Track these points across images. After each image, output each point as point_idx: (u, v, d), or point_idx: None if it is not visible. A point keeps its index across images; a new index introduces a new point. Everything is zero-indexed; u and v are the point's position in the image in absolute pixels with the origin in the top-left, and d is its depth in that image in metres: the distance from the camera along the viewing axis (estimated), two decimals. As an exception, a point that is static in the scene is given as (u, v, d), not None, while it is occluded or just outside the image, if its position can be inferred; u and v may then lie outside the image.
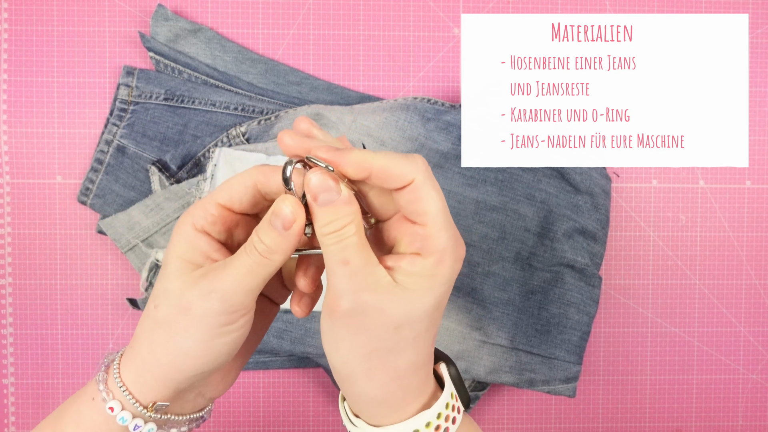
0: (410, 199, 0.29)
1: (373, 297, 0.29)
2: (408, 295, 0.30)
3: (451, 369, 0.35)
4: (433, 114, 0.56)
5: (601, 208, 0.57)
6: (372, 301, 0.29)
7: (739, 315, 0.61)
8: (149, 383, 0.32)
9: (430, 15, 0.59)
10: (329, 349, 0.31)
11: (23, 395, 0.58)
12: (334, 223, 0.29)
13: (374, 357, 0.30)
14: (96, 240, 0.58)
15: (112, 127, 0.57)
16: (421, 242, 0.30)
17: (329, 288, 0.30)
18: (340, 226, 0.29)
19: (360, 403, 0.33)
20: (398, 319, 0.30)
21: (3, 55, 0.57)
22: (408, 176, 0.29)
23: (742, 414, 0.61)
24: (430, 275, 0.30)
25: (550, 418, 0.61)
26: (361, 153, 0.29)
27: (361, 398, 0.32)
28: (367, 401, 0.32)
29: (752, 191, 0.61)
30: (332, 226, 0.29)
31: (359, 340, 0.30)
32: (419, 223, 0.30)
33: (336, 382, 0.34)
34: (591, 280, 0.56)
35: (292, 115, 0.56)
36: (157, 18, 0.57)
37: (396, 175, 0.29)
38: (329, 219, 0.29)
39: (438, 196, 0.30)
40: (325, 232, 0.29)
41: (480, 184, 0.56)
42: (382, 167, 0.29)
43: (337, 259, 0.29)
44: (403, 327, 0.30)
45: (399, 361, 0.31)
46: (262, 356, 0.59)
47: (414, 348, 0.31)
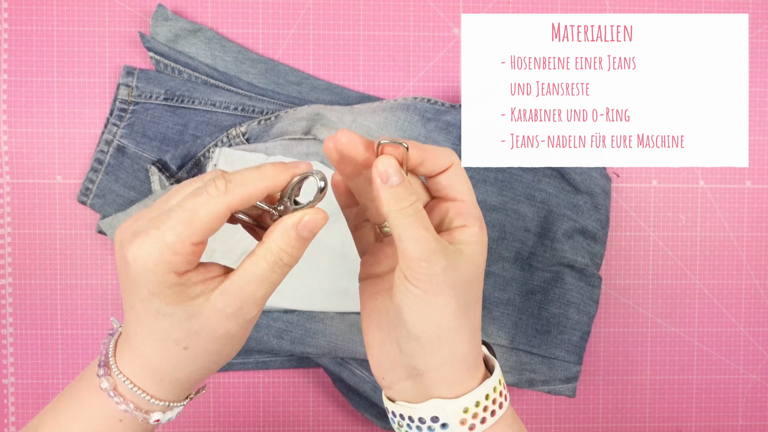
0: (452, 176, 0.34)
1: (450, 259, 0.32)
2: (470, 256, 0.33)
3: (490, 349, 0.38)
4: (433, 114, 0.56)
5: (601, 208, 0.57)
6: (451, 262, 0.32)
7: (739, 315, 0.61)
8: (169, 393, 0.34)
9: (430, 15, 0.59)
10: (414, 318, 0.33)
11: (23, 395, 0.58)
12: (408, 198, 0.32)
13: (461, 312, 0.33)
14: (96, 240, 0.58)
15: (112, 127, 0.57)
16: (465, 216, 0.34)
17: (411, 257, 0.32)
18: (414, 200, 0.32)
19: (443, 371, 0.34)
20: (471, 276, 0.33)
21: (3, 55, 0.57)
22: (450, 159, 0.34)
23: (742, 414, 0.61)
24: (479, 240, 0.34)
25: (550, 418, 0.61)
26: (410, 142, 0.33)
27: (448, 362, 0.34)
28: (454, 364, 0.34)
29: (752, 191, 0.61)
30: (407, 200, 0.32)
31: (451, 297, 0.33)
32: (459, 200, 0.34)
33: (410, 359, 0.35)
34: (591, 280, 0.56)
35: (292, 115, 0.56)
36: (157, 18, 0.57)
37: (442, 160, 0.33)
38: (403, 195, 0.32)
39: (466, 175, 0.35)
40: (404, 206, 0.32)
41: (480, 184, 0.56)
42: (432, 152, 0.33)
43: (420, 225, 0.32)
44: (474, 283, 0.34)
45: (476, 316, 0.34)
46: (262, 356, 0.59)
47: (479, 304, 0.35)
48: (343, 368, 0.57)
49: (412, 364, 0.34)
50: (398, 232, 0.32)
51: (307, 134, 0.56)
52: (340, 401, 0.60)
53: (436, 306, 0.32)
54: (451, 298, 0.32)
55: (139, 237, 0.30)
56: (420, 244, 0.32)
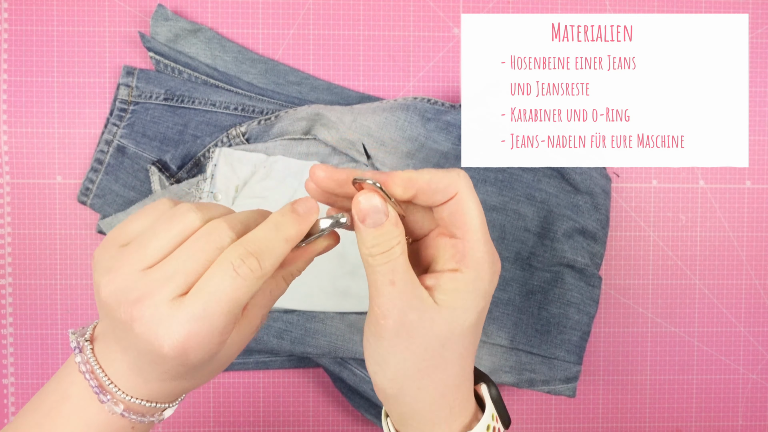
0: (453, 210, 0.30)
1: (419, 316, 0.30)
2: (451, 312, 0.30)
3: (492, 390, 0.35)
4: (433, 114, 0.56)
5: (601, 208, 0.57)
6: (418, 320, 0.30)
7: (739, 315, 0.61)
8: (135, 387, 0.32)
9: (430, 15, 0.59)
10: (375, 368, 0.32)
11: (23, 395, 0.58)
12: (383, 245, 0.29)
13: (423, 374, 0.31)
14: (96, 240, 0.58)
15: (112, 127, 0.56)
16: (461, 256, 0.30)
17: (374, 307, 0.30)
18: (389, 247, 0.29)
19: (406, 422, 0.33)
20: (443, 336, 0.30)
21: (3, 55, 0.57)
22: (452, 189, 0.30)
23: (742, 414, 0.61)
24: (471, 290, 0.30)
25: (550, 418, 0.61)
26: (406, 172, 0.29)
27: (408, 417, 0.32)
28: (415, 419, 0.32)
29: (752, 191, 0.61)
30: (381, 247, 0.29)
31: (407, 359, 0.30)
32: (458, 237, 0.30)
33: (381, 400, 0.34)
34: (591, 280, 0.56)
35: (292, 115, 0.56)
36: (157, 18, 0.57)
37: (441, 190, 0.30)
38: (378, 240, 0.29)
39: (478, 209, 0.30)
40: (374, 253, 0.29)
41: (480, 184, 0.56)
42: (427, 183, 0.29)
43: (385, 279, 0.29)
44: (448, 344, 0.30)
45: (446, 377, 0.31)
46: (262, 356, 0.59)
47: (459, 363, 0.31)
48: (343, 368, 0.57)
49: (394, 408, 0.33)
50: (368, 278, 0.30)
51: (307, 134, 0.57)
52: (340, 401, 0.60)
53: (391, 364, 0.31)
54: (408, 361, 0.30)
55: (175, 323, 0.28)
56: (381, 298, 0.30)
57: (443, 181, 0.30)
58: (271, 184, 0.55)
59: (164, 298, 0.28)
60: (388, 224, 0.29)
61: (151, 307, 0.28)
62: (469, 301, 0.30)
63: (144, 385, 0.31)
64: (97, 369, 0.31)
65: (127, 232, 0.31)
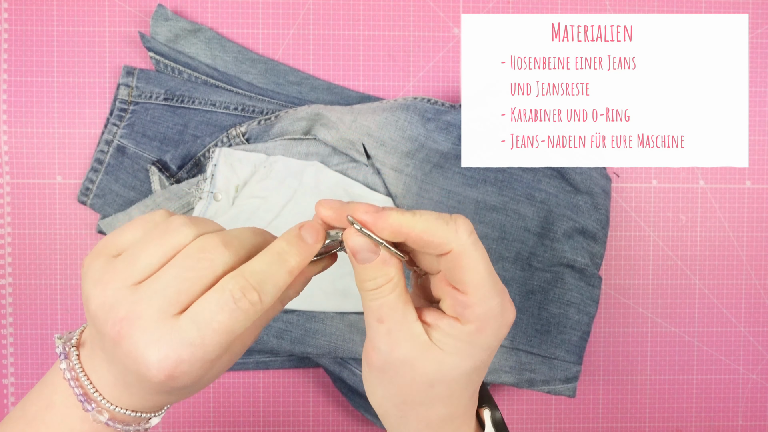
0: (450, 266, 0.29)
1: (408, 354, 0.29)
2: (443, 355, 0.29)
3: (495, 414, 0.34)
4: (433, 114, 0.56)
5: (601, 208, 0.57)
6: (405, 358, 0.29)
7: (739, 315, 0.61)
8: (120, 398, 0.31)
9: (430, 15, 0.59)
10: (367, 391, 0.32)
11: (23, 395, 0.58)
12: (372, 282, 0.29)
13: (407, 408, 0.31)
14: (96, 240, 0.58)
15: (112, 127, 0.57)
16: (462, 309, 0.29)
17: (368, 337, 0.30)
18: (377, 285, 0.29)
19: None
20: (431, 377, 0.29)
21: (3, 55, 0.57)
22: (446, 245, 0.28)
23: (742, 414, 0.61)
24: (468, 342, 0.29)
25: (550, 418, 0.61)
26: (399, 216, 0.28)
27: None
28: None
29: (752, 191, 0.61)
30: (371, 284, 0.29)
31: (391, 392, 0.30)
32: (460, 290, 0.29)
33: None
34: (591, 280, 0.56)
35: (292, 115, 0.56)
36: (157, 18, 0.57)
37: (435, 243, 0.28)
38: (368, 277, 0.29)
39: (482, 263, 0.29)
40: (365, 288, 0.29)
41: (480, 184, 0.56)
42: (420, 234, 0.28)
43: (373, 315, 0.29)
44: (437, 385, 0.30)
45: (430, 413, 0.31)
46: (262, 356, 0.59)
47: (448, 403, 0.31)
48: (343, 368, 0.57)
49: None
50: (363, 310, 0.30)
51: (307, 134, 0.57)
52: (340, 401, 0.60)
53: (377, 392, 0.31)
54: (393, 393, 0.30)
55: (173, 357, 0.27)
56: (370, 331, 0.29)
57: (437, 235, 0.28)
58: (271, 184, 0.55)
59: (153, 317, 0.27)
60: (377, 263, 0.29)
61: (139, 328, 0.27)
62: (465, 351, 0.29)
63: (129, 397, 0.30)
64: (83, 377, 0.30)
65: (118, 242, 0.30)
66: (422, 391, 0.30)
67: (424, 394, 0.30)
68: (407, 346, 0.29)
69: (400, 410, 0.31)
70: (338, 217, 0.30)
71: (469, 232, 0.28)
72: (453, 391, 0.30)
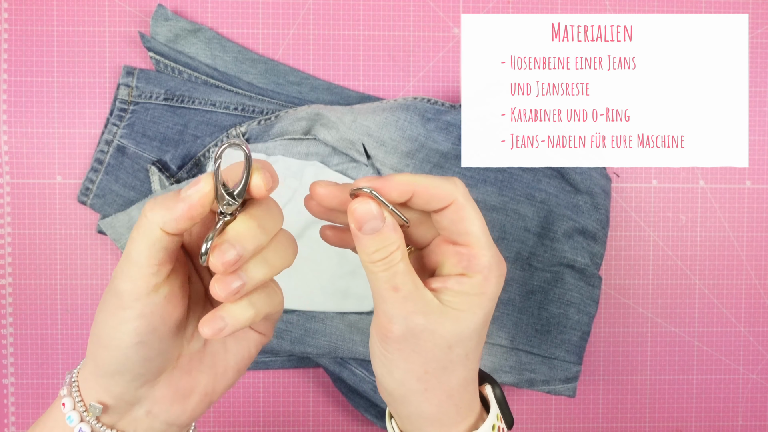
0: (453, 219, 0.30)
1: (425, 320, 0.30)
2: (458, 314, 0.30)
3: (496, 390, 0.35)
4: (433, 114, 0.56)
5: (601, 208, 0.57)
6: (424, 323, 0.30)
7: (739, 315, 0.61)
8: (89, 385, 0.32)
9: (430, 15, 0.59)
10: (382, 372, 0.32)
11: (23, 395, 0.58)
12: (381, 251, 0.29)
13: (429, 377, 0.31)
14: (96, 240, 0.58)
15: (112, 127, 0.57)
16: (467, 262, 0.30)
17: (379, 313, 0.30)
18: (388, 253, 0.29)
19: (413, 423, 0.33)
20: (450, 338, 0.30)
21: (3, 55, 0.57)
22: (450, 197, 0.29)
23: (742, 414, 0.61)
24: (478, 293, 0.30)
25: (550, 418, 0.61)
26: (403, 175, 0.29)
27: (415, 418, 0.32)
28: (421, 421, 0.32)
29: (752, 191, 0.61)
30: (380, 253, 0.29)
31: (414, 362, 0.30)
32: (462, 243, 0.30)
33: (387, 402, 0.34)
34: (591, 280, 0.56)
35: (292, 115, 0.56)
36: (157, 18, 0.57)
37: (438, 196, 0.29)
38: (376, 247, 0.29)
39: (478, 216, 0.30)
40: (374, 259, 0.29)
41: (480, 184, 0.56)
42: (425, 187, 0.29)
43: (387, 285, 0.29)
44: (455, 346, 0.30)
45: (452, 379, 0.31)
46: (262, 356, 0.59)
47: (465, 365, 0.31)
48: (343, 368, 0.57)
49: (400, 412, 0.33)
50: (370, 285, 0.30)
51: (307, 134, 0.57)
52: (340, 401, 0.60)
53: (398, 368, 0.31)
54: (416, 364, 0.30)
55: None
56: (386, 304, 0.29)
57: (441, 187, 0.29)
58: (271, 184, 0.55)
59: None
60: (385, 229, 0.29)
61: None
62: (476, 304, 0.30)
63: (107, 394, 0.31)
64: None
65: None
66: (443, 355, 0.30)
67: (446, 358, 0.31)
68: (423, 310, 0.30)
69: (423, 382, 0.31)
70: (333, 196, 0.30)
71: (464, 186, 0.30)
72: (468, 350, 0.31)
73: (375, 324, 0.31)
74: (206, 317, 0.29)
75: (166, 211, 0.28)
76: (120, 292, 0.29)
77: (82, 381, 0.32)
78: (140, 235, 0.28)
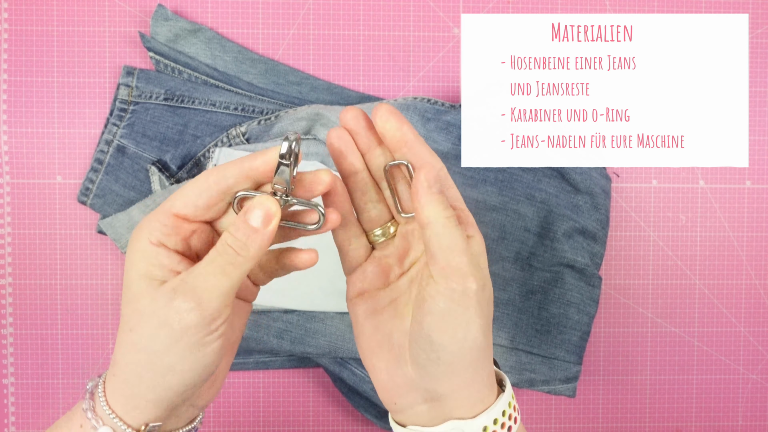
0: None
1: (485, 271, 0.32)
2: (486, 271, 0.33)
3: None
4: (433, 114, 0.56)
5: (601, 208, 0.57)
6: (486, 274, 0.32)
7: (739, 315, 0.61)
8: (140, 406, 0.31)
9: (430, 15, 0.59)
10: (444, 337, 0.31)
11: (23, 395, 0.58)
12: (450, 209, 0.31)
13: (488, 330, 0.32)
14: (96, 240, 0.58)
15: (112, 127, 0.57)
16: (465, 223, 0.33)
17: (454, 268, 0.30)
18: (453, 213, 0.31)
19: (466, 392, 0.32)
20: (491, 293, 0.32)
21: (3, 55, 0.57)
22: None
23: (742, 414, 0.61)
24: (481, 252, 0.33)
25: (550, 418, 0.61)
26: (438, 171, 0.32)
27: (471, 384, 0.32)
28: (475, 385, 0.32)
29: (752, 191, 0.61)
30: (451, 211, 0.31)
31: (487, 315, 0.31)
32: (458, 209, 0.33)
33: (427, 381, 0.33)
34: (591, 280, 0.56)
35: (292, 115, 0.56)
36: (157, 18, 0.57)
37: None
38: (448, 204, 0.30)
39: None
40: (448, 215, 0.30)
41: (480, 184, 0.56)
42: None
43: (464, 238, 0.31)
44: (491, 300, 0.33)
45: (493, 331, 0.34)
46: (262, 356, 0.59)
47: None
48: (343, 368, 0.57)
49: (433, 388, 0.32)
50: (445, 242, 0.30)
51: (307, 134, 0.56)
52: (340, 401, 0.60)
53: (467, 323, 0.30)
54: (481, 317, 0.31)
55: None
56: (462, 257, 0.30)
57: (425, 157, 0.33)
58: (271, 184, 0.55)
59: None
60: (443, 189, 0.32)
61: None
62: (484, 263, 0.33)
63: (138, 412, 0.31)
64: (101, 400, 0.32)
65: None
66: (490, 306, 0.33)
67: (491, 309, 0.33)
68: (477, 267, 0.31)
69: (489, 336, 0.32)
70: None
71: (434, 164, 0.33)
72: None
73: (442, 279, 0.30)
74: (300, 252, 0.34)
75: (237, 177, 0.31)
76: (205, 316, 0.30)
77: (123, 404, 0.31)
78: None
